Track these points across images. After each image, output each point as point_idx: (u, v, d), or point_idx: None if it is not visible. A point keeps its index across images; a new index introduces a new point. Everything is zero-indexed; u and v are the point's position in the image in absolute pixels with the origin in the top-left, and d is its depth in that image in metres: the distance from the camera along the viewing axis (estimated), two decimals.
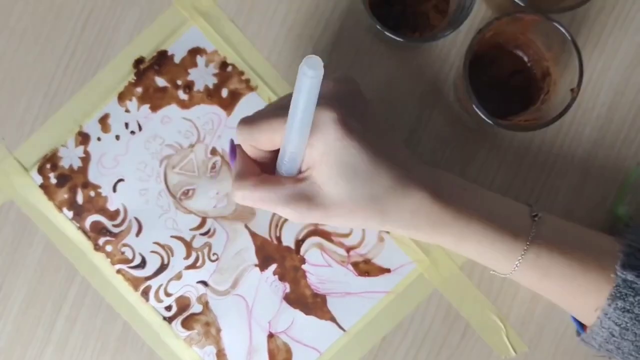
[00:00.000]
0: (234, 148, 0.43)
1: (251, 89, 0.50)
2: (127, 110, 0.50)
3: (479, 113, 0.43)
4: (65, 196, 0.50)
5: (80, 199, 0.50)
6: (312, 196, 0.40)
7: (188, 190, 0.50)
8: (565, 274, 0.42)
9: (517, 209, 0.44)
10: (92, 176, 0.50)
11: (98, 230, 0.50)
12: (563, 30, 0.43)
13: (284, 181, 0.40)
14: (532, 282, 0.44)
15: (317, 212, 0.40)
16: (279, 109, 0.40)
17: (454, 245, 0.43)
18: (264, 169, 0.42)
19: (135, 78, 0.50)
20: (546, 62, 0.47)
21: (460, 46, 0.50)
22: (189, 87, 0.50)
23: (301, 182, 0.40)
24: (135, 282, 0.50)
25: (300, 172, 0.41)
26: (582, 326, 0.45)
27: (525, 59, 0.48)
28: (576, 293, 0.42)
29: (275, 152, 0.42)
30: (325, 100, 0.39)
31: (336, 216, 0.40)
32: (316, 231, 0.50)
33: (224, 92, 0.50)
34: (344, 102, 0.40)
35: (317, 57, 0.33)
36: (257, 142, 0.41)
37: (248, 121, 0.41)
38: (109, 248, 0.50)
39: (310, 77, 0.33)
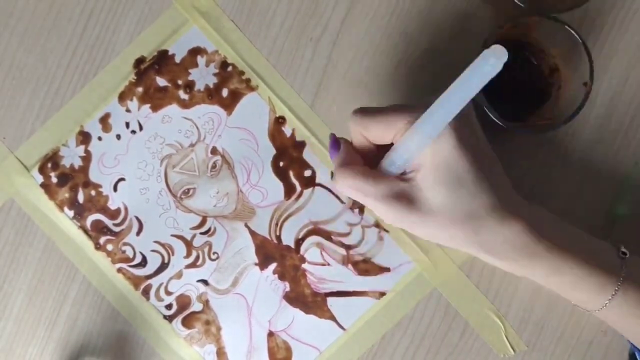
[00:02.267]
0: (336, 141, 0.42)
1: (251, 89, 0.50)
2: (127, 110, 0.50)
3: (494, 119, 0.43)
4: (66, 195, 0.50)
5: (81, 198, 0.50)
6: (412, 199, 0.39)
7: (188, 190, 0.50)
8: None
9: (605, 246, 0.44)
10: (93, 175, 0.50)
11: (99, 229, 0.50)
12: (567, 27, 0.43)
13: (386, 177, 0.40)
14: (616, 320, 0.44)
15: (414, 216, 0.39)
16: (400, 107, 0.40)
17: (545, 278, 0.43)
18: (366, 163, 0.42)
19: (135, 78, 0.50)
20: (553, 58, 0.47)
21: (458, 45, 0.50)
22: (189, 86, 0.50)
23: (404, 182, 0.39)
24: (135, 281, 0.50)
25: (404, 173, 0.40)
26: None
27: (531, 57, 0.48)
28: None
29: (380, 149, 0.41)
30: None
31: (430, 226, 0.40)
32: (316, 230, 0.50)
33: (225, 92, 0.50)
34: (460, 115, 0.39)
35: (504, 48, 0.32)
36: (368, 133, 0.40)
37: (365, 110, 0.40)
38: (109, 247, 0.50)
39: (490, 64, 0.32)
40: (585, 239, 0.44)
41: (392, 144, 0.40)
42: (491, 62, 0.33)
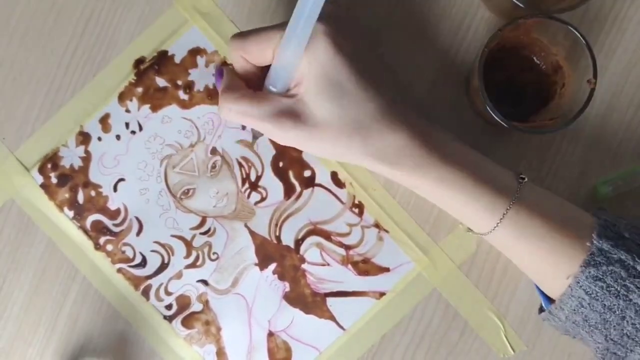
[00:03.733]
0: (221, 70, 0.43)
1: None
2: (127, 110, 0.50)
3: (500, 121, 0.43)
4: (66, 196, 0.50)
5: (81, 198, 0.50)
6: (298, 113, 0.39)
7: (188, 190, 0.50)
8: (542, 237, 0.42)
9: (504, 170, 0.44)
10: (93, 176, 0.50)
11: (99, 229, 0.50)
12: (568, 26, 0.43)
13: (270, 97, 0.40)
14: (507, 242, 0.43)
15: (301, 131, 0.39)
16: (275, 25, 0.41)
17: (436, 192, 0.42)
18: (251, 87, 0.42)
19: (135, 78, 0.50)
20: (555, 57, 0.47)
21: (459, 43, 0.50)
22: (189, 87, 0.50)
23: (288, 99, 0.40)
24: (135, 281, 0.50)
25: (288, 90, 0.40)
26: (548, 301, 0.45)
27: (533, 56, 0.48)
28: (550, 258, 0.42)
29: (264, 70, 0.41)
30: (320, 16, 0.39)
31: (319, 139, 0.39)
32: (316, 230, 0.50)
33: None
34: (340, 24, 0.39)
35: None
36: (248, 54, 0.41)
37: (242, 33, 0.41)
38: (109, 247, 0.50)
39: None
40: (484, 161, 0.44)
41: None
42: None
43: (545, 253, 0.42)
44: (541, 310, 0.46)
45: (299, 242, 0.50)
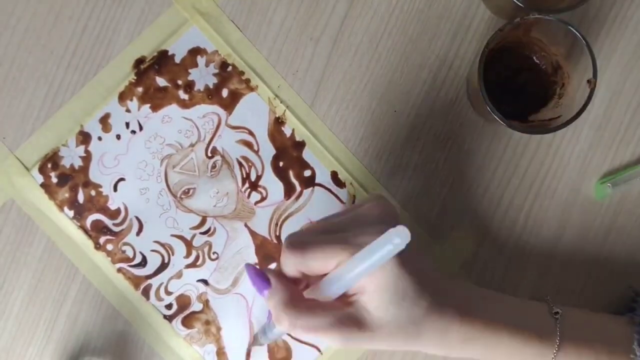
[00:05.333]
0: (262, 275, 0.41)
1: (251, 89, 0.50)
2: (127, 110, 0.50)
3: (500, 121, 0.43)
4: (66, 195, 0.50)
5: (81, 198, 0.50)
6: (360, 320, 0.40)
7: (188, 190, 0.50)
8: None
9: (537, 310, 0.45)
10: (93, 175, 0.50)
11: (99, 229, 0.50)
12: (567, 26, 0.43)
13: (331, 306, 0.40)
14: None
15: (364, 335, 0.40)
16: (328, 234, 0.40)
17: (484, 356, 0.43)
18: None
19: (135, 78, 0.50)
20: (555, 56, 0.47)
21: (459, 43, 0.50)
22: (189, 87, 0.50)
23: (349, 306, 0.40)
24: (135, 281, 0.50)
25: (344, 295, 0.41)
26: None
27: (532, 56, 0.49)
28: None
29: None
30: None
31: (380, 340, 0.40)
32: None
33: (224, 92, 0.50)
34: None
35: (407, 230, 0.36)
36: (309, 269, 0.40)
37: (299, 247, 0.40)
38: (109, 247, 0.50)
39: (395, 244, 0.36)
40: (519, 307, 0.45)
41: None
42: (396, 242, 0.37)
43: None
44: None
45: None
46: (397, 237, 0.36)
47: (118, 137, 0.50)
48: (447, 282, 0.44)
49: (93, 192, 0.50)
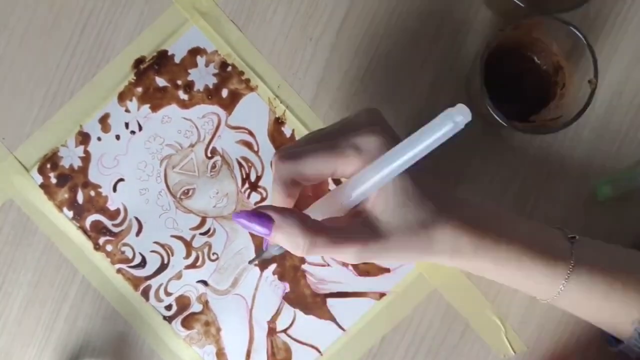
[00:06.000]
0: (257, 213, 0.38)
1: (251, 89, 0.50)
2: (127, 110, 0.50)
3: (501, 121, 0.43)
4: (66, 196, 0.50)
5: (80, 198, 0.50)
6: (371, 228, 0.39)
7: (188, 190, 0.50)
8: (605, 294, 0.42)
9: (552, 232, 0.44)
10: (93, 176, 0.50)
11: (98, 229, 0.50)
12: (569, 26, 0.43)
13: (339, 220, 0.39)
14: (572, 304, 0.44)
15: (378, 245, 0.39)
16: (326, 142, 0.39)
17: (495, 271, 0.43)
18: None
19: (135, 78, 0.50)
20: (556, 57, 0.47)
21: (460, 44, 0.50)
22: (189, 87, 0.50)
23: (358, 217, 0.40)
24: (135, 282, 0.50)
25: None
26: (614, 338, 0.45)
27: (533, 56, 0.48)
28: (615, 309, 0.43)
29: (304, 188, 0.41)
30: (380, 130, 0.39)
31: (393, 247, 0.39)
32: None
33: (224, 92, 0.50)
34: (389, 132, 0.40)
35: (467, 109, 0.34)
36: (304, 176, 0.39)
37: (294, 155, 0.39)
38: (109, 247, 0.50)
39: (456, 122, 0.34)
40: (534, 227, 0.44)
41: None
42: (457, 119, 0.34)
43: (610, 307, 0.43)
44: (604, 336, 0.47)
45: None
46: (460, 115, 0.33)
47: (117, 137, 0.50)
48: (455, 196, 0.43)
49: (92, 193, 0.50)
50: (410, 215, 0.39)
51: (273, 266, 0.50)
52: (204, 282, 0.50)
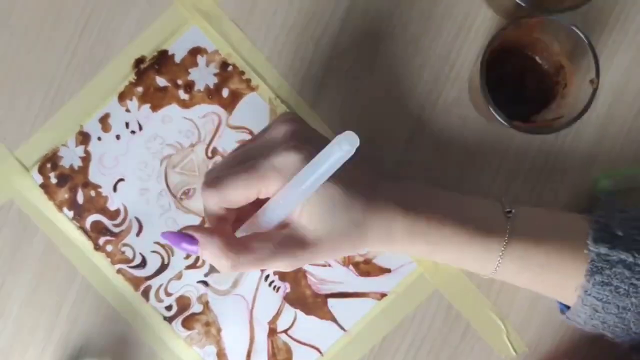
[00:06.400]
0: (181, 236, 0.40)
1: (252, 89, 0.50)
2: (127, 110, 0.50)
3: (502, 121, 0.43)
4: (66, 196, 0.50)
5: (80, 198, 0.50)
6: (299, 238, 0.40)
7: (188, 190, 0.50)
8: (542, 264, 0.42)
9: (489, 207, 0.44)
10: (93, 176, 0.50)
11: (98, 230, 0.50)
12: (570, 26, 0.43)
13: (265, 235, 0.40)
14: (511, 277, 0.44)
15: (307, 252, 0.40)
16: (246, 165, 0.39)
17: (431, 253, 0.43)
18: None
19: (135, 78, 0.50)
20: (557, 57, 0.47)
21: (461, 44, 0.50)
22: (189, 86, 0.50)
23: (285, 229, 0.40)
24: (135, 282, 0.50)
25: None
26: (565, 305, 0.46)
27: (535, 56, 0.48)
28: (555, 279, 0.43)
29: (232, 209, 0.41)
30: (298, 144, 0.39)
31: (325, 250, 0.41)
32: None
33: (225, 92, 0.50)
34: (307, 141, 0.40)
35: (355, 135, 0.35)
36: (230, 203, 0.40)
37: (216, 183, 0.40)
38: (109, 248, 0.50)
39: (344, 150, 0.35)
40: (469, 205, 0.44)
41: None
42: (345, 148, 0.35)
43: (549, 276, 0.43)
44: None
45: None
46: (347, 143, 0.35)
47: (118, 137, 0.50)
48: (385, 182, 0.43)
49: (92, 193, 0.50)
50: (338, 221, 0.40)
51: None
52: (205, 283, 0.50)
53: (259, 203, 0.41)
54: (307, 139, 0.40)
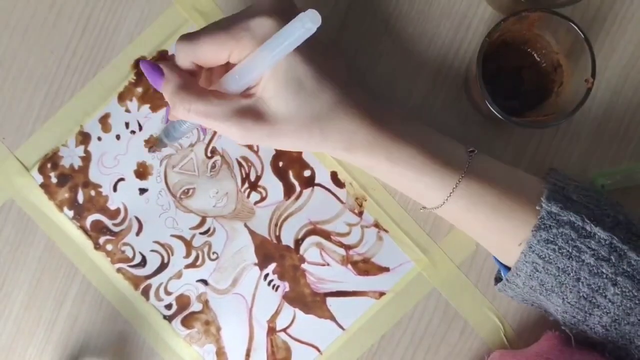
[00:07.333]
0: (155, 67, 0.42)
1: None
2: (127, 110, 0.50)
3: (496, 113, 0.43)
4: (66, 195, 0.50)
5: (80, 198, 0.50)
6: (258, 112, 0.40)
7: (188, 190, 0.50)
8: (494, 206, 0.42)
9: (454, 145, 0.44)
10: (93, 175, 0.50)
11: (98, 229, 0.50)
12: (569, 22, 0.43)
13: (229, 96, 0.40)
14: (459, 215, 0.44)
15: (264, 128, 0.40)
16: (222, 26, 0.40)
17: (387, 171, 0.43)
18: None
19: (135, 78, 0.50)
20: (556, 55, 0.47)
21: (459, 43, 0.50)
22: None
23: (247, 98, 0.40)
24: (135, 281, 0.50)
25: (246, 89, 0.41)
26: (507, 271, 0.45)
27: (534, 53, 0.49)
28: (503, 225, 0.42)
29: (207, 70, 0.42)
30: (276, 14, 0.39)
31: (281, 134, 0.40)
32: (315, 230, 0.50)
33: None
34: (285, 13, 0.40)
35: (318, 14, 0.36)
36: (200, 58, 0.40)
37: (191, 36, 0.40)
38: (109, 247, 0.50)
39: (307, 28, 0.36)
40: (436, 137, 0.44)
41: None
42: (307, 26, 0.36)
43: (497, 222, 0.43)
44: (497, 281, 0.47)
45: (298, 242, 0.50)
46: (309, 21, 0.36)
47: (118, 137, 0.50)
48: (360, 88, 0.43)
49: (93, 192, 0.50)
50: (300, 107, 0.40)
51: (273, 265, 0.50)
52: (204, 282, 0.50)
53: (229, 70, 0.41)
54: (285, 10, 0.40)
